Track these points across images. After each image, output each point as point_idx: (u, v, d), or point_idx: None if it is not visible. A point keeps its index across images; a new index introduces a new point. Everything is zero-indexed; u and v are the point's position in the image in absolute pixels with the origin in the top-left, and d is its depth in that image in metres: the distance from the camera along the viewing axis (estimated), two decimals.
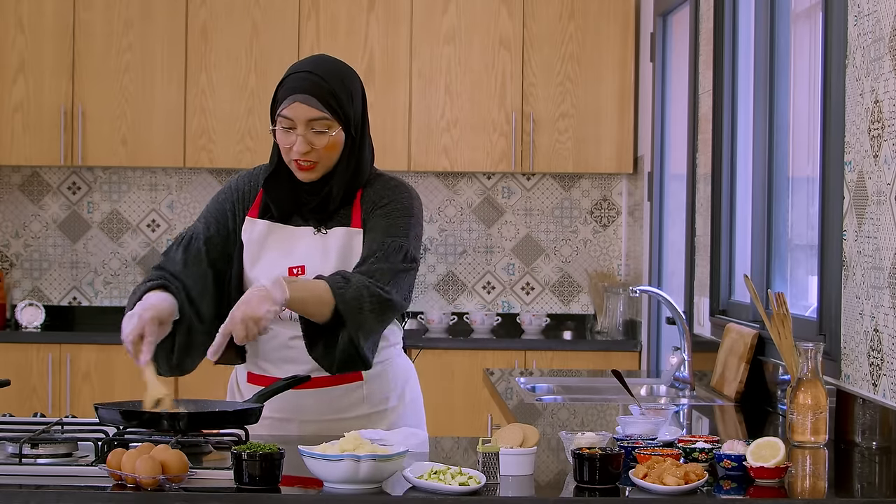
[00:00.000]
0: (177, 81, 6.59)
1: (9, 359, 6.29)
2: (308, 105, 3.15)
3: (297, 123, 3.16)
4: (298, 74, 3.20)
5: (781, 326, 3.52)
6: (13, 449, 2.76)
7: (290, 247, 3.23)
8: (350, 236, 3.22)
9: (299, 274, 3.21)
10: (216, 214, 3.32)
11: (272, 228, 3.25)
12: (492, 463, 2.62)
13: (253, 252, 3.25)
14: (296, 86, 3.18)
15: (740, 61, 4.91)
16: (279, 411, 3.23)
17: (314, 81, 3.18)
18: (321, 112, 3.16)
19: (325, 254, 3.21)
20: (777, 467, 2.67)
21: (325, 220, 3.23)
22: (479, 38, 6.62)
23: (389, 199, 3.24)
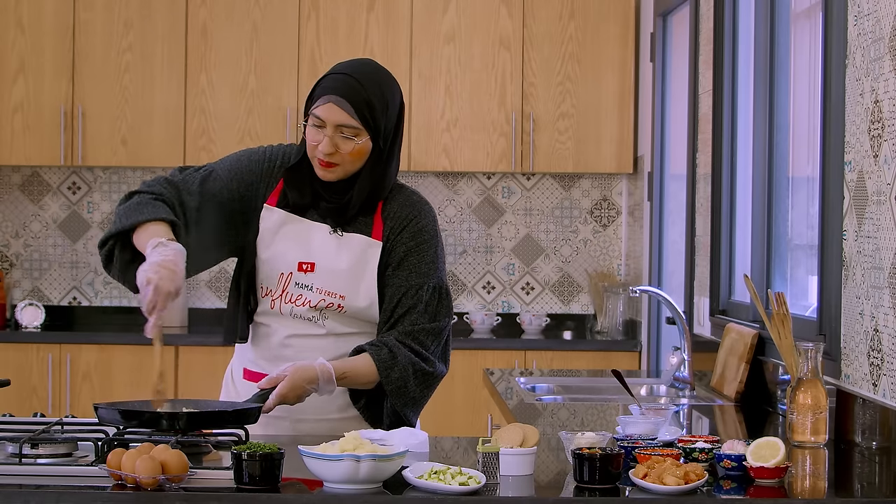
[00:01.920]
0: (177, 81, 6.59)
1: (9, 359, 6.29)
2: (341, 108, 3.14)
3: (327, 124, 3.14)
4: (338, 76, 3.18)
5: (781, 326, 3.52)
6: (13, 449, 2.76)
7: (304, 241, 3.22)
8: (367, 246, 3.21)
9: (308, 270, 3.20)
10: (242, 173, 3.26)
11: (288, 219, 3.23)
12: (492, 463, 2.62)
13: (266, 239, 3.24)
14: (333, 86, 3.16)
15: (740, 61, 4.91)
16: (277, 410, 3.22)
17: (352, 86, 3.16)
18: (352, 119, 3.14)
19: (338, 256, 3.20)
20: (777, 467, 2.67)
21: (343, 223, 3.22)
22: (479, 38, 6.62)
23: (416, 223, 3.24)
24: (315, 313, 3.21)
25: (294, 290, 3.21)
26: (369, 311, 3.22)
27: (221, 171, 3.28)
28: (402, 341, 3.18)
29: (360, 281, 3.19)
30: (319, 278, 3.19)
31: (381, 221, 3.23)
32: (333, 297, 3.19)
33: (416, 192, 3.32)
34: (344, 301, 3.20)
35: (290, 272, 3.21)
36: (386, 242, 3.22)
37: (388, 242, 3.22)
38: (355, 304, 3.20)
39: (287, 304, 3.21)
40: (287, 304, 3.21)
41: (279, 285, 3.22)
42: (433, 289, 3.23)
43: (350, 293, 3.19)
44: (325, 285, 3.19)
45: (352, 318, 3.23)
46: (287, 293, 3.21)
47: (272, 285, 3.23)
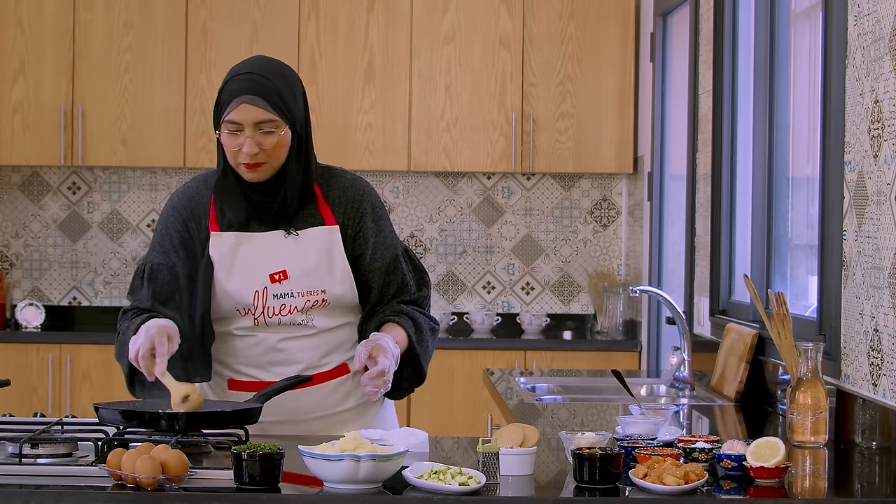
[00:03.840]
0: (177, 81, 6.59)
1: (9, 359, 6.29)
2: (255, 106, 3.14)
3: (244, 126, 3.13)
4: (242, 76, 3.20)
5: (781, 326, 3.52)
6: (13, 449, 2.76)
7: (265, 253, 3.20)
8: (326, 235, 3.22)
9: (282, 279, 3.19)
10: (172, 240, 3.25)
11: (241, 238, 3.21)
12: (492, 463, 2.62)
13: (226, 265, 3.21)
14: (240, 87, 3.16)
15: (740, 61, 4.91)
16: (272, 414, 3.20)
17: (258, 82, 3.17)
18: (269, 113, 3.14)
19: (303, 255, 3.21)
20: (777, 467, 2.67)
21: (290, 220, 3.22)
22: (479, 38, 6.62)
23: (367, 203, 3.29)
24: (303, 316, 3.22)
25: (275, 303, 3.20)
26: (349, 295, 3.25)
27: (156, 258, 3.26)
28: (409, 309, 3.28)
29: (332, 270, 3.22)
30: (296, 282, 3.20)
31: (329, 207, 3.25)
32: (316, 295, 3.21)
33: (344, 171, 3.36)
34: (326, 294, 3.22)
35: (264, 287, 3.20)
36: (345, 229, 3.25)
37: (347, 229, 3.25)
38: (335, 292, 3.22)
39: (273, 317, 3.21)
40: (273, 317, 3.21)
41: (257, 302, 3.21)
42: (403, 255, 3.33)
43: (329, 285, 3.22)
44: (304, 287, 3.20)
45: (336, 308, 3.25)
46: (268, 307, 3.21)
47: (248, 305, 3.20)
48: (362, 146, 6.59)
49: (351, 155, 6.58)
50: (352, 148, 6.58)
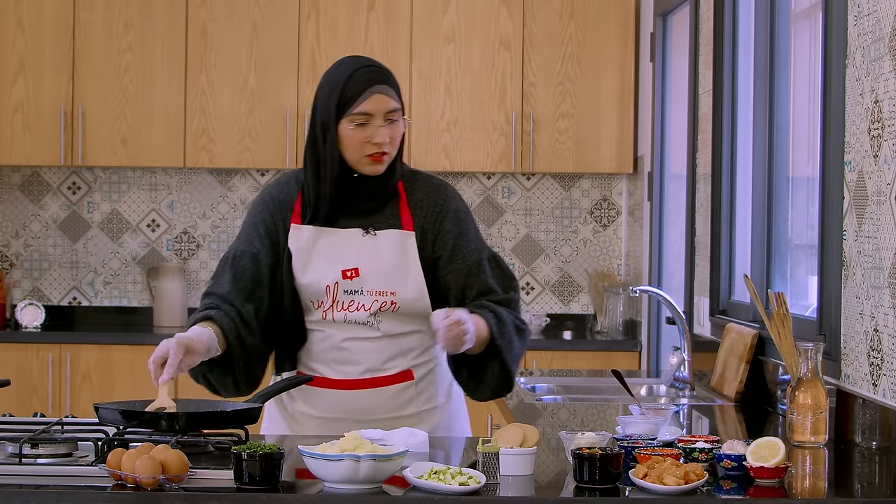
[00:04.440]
0: (177, 81, 6.59)
1: (9, 359, 6.29)
2: (386, 95, 3.21)
3: (375, 116, 3.20)
4: (367, 68, 3.23)
5: (781, 326, 3.52)
6: (13, 449, 2.76)
7: (341, 250, 3.24)
8: (402, 239, 3.24)
9: (353, 276, 3.22)
10: (258, 229, 3.30)
11: (319, 233, 3.25)
12: (492, 463, 2.62)
13: (303, 259, 3.25)
14: (372, 78, 3.21)
15: (740, 61, 4.91)
16: (332, 411, 3.24)
17: (384, 72, 3.25)
18: (396, 102, 3.23)
19: (378, 255, 3.23)
20: (777, 467, 2.67)
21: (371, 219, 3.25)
22: (479, 38, 6.62)
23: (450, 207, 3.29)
24: (371, 317, 3.22)
25: (344, 298, 3.23)
26: (420, 302, 3.24)
27: (241, 245, 3.31)
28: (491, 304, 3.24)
29: (405, 274, 3.22)
30: (367, 281, 3.22)
31: (409, 210, 3.27)
32: (385, 296, 3.22)
33: (432, 176, 3.37)
34: (396, 297, 3.22)
35: (335, 282, 3.22)
36: (424, 233, 3.25)
37: (426, 233, 3.26)
38: (406, 297, 3.22)
39: (340, 312, 3.23)
40: (340, 312, 3.23)
41: (328, 297, 3.23)
42: (489, 260, 3.30)
43: (399, 288, 3.22)
44: (374, 286, 3.22)
45: (405, 314, 3.24)
46: (338, 302, 3.23)
47: (321, 298, 3.24)
48: None
49: None
50: None
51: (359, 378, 3.25)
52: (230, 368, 3.23)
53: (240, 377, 3.25)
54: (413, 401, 3.29)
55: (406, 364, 3.27)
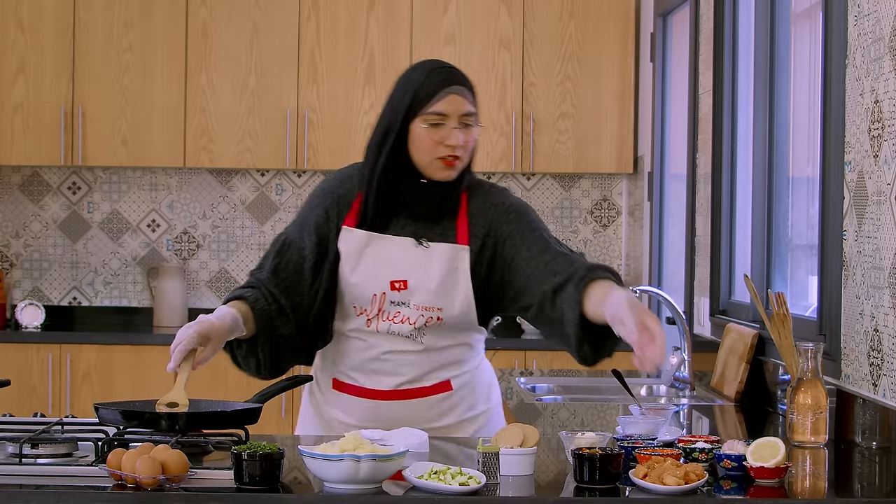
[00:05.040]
0: (177, 81, 6.59)
1: (9, 359, 6.29)
2: (462, 97, 3.13)
3: (450, 117, 3.11)
4: (443, 69, 3.16)
5: (781, 326, 3.52)
6: (13, 449, 2.76)
7: (390, 258, 3.16)
8: (454, 253, 3.15)
9: (401, 288, 3.15)
10: (310, 222, 3.24)
11: (371, 238, 3.17)
12: (492, 463, 2.62)
13: (352, 262, 3.17)
14: (448, 78, 3.13)
15: (740, 61, 4.91)
16: (368, 420, 3.21)
17: (461, 74, 3.16)
18: (472, 106, 3.15)
19: (428, 269, 3.15)
20: (777, 467, 2.67)
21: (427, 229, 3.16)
22: (479, 38, 6.62)
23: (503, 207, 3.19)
24: (414, 331, 3.17)
25: (391, 309, 3.16)
26: (467, 317, 3.18)
27: (294, 233, 3.26)
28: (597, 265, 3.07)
29: (454, 290, 3.15)
30: (414, 295, 3.15)
31: (467, 222, 3.18)
32: (431, 311, 3.15)
33: (494, 185, 3.27)
34: (442, 313, 3.15)
35: (383, 292, 3.16)
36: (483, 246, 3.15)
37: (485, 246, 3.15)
38: (452, 312, 3.16)
39: (385, 322, 3.17)
40: (385, 322, 3.17)
41: (374, 305, 3.17)
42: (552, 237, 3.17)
43: (446, 304, 3.15)
44: (421, 301, 3.15)
45: (450, 328, 3.19)
46: (384, 312, 3.17)
47: (366, 305, 3.18)
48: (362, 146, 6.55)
49: (351, 155, 6.56)
50: (352, 148, 6.57)
51: (396, 389, 3.21)
52: (255, 350, 3.20)
53: (263, 362, 3.21)
54: (452, 411, 3.25)
55: (445, 375, 3.23)
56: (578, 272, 3.02)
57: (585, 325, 2.99)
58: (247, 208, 6.96)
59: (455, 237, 3.16)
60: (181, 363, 3.01)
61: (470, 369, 3.29)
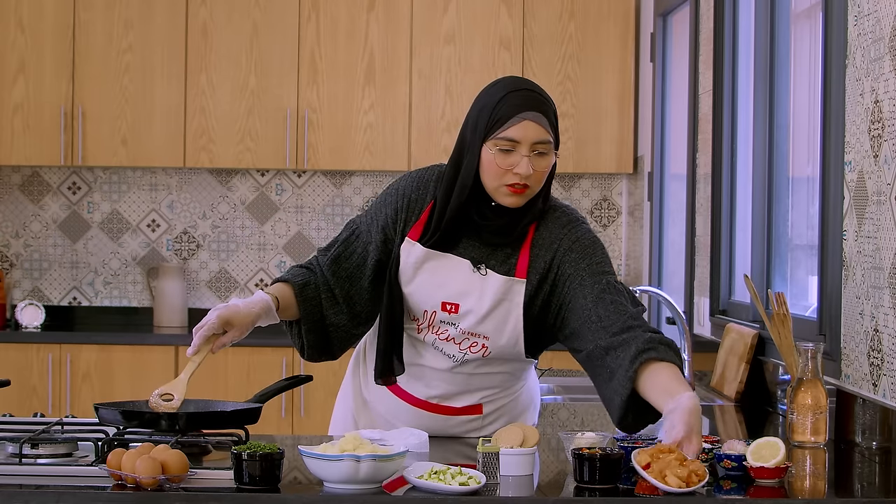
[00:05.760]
0: (177, 81, 6.59)
1: (9, 359, 6.29)
2: (538, 124, 3.00)
3: (522, 144, 2.99)
4: (523, 92, 3.02)
5: (781, 326, 3.52)
6: (13, 449, 2.76)
7: (446, 279, 3.09)
8: (510, 286, 3.06)
9: (452, 311, 3.08)
10: (381, 219, 3.17)
11: (429, 255, 3.09)
12: (492, 463, 2.62)
13: (407, 274, 3.12)
14: (525, 103, 3.00)
15: (740, 61, 4.91)
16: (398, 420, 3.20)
17: (541, 100, 3.03)
18: (548, 134, 3.02)
19: (482, 297, 3.07)
20: (777, 467, 2.67)
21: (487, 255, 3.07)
22: (479, 38, 6.62)
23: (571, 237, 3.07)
24: (458, 354, 3.11)
25: (440, 325, 3.11)
26: (514, 349, 3.11)
27: (363, 225, 3.20)
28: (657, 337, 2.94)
29: (504, 321, 3.08)
30: (464, 319, 3.09)
31: (529, 255, 3.07)
32: (478, 338, 3.09)
33: (566, 212, 3.14)
34: (488, 342, 3.10)
35: (434, 311, 3.11)
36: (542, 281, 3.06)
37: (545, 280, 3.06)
38: (499, 342, 3.10)
39: (432, 335, 3.12)
40: (432, 335, 3.12)
41: (425, 320, 3.12)
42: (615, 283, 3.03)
43: (494, 334, 3.09)
44: (469, 326, 3.09)
45: (493, 360, 3.13)
46: (433, 326, 3.12)
47: (418, 316, 3.13)
48: (362, 146, 6.59)
49: (351, 155, 6.58)
50: (352, 148, 6.58)
51: (427, 400, 3.19)
52: (300, 333, 3.17)
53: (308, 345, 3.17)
54: (479, 431, 3.22)
55: (478, 398, 3.19)
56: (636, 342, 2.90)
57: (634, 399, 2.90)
58: (247, 208, 6.96)
59: (514, 269, 3.07)
60: (200, 347, 2.98)
61: (508, 395, 3.24)
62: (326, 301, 3.16)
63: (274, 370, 6.14)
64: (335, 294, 3.16)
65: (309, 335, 3.17)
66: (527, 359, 3.18)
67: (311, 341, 3.18)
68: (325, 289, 3.16)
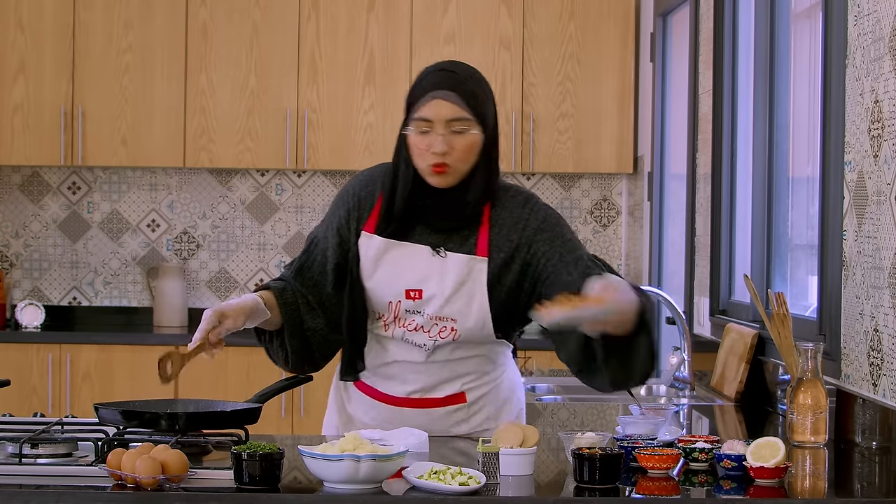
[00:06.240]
0: (177, 81, 6.59)
1: (9, 359, 6.29)
2: (449, 102, 3.04)
3: (435, 123, 3.03)
4: (437, 73, 3.10)
5: (781, 326, 3.52)
6: (13, 449, 2.76)
7: (407, 266, 3.11)
8: (471, 264, 3.08)
9: (416, 298, 3.10)
10: (334, 222, 3.21)
11: (389, 245, 3.12)
12: (492, 463, 2.62)
13: (368, 268, 3.14)
14: (434, 82, 3.07)
15: (740, 61, 4.91)
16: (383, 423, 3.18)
17: (452, 78, 3.08)
18: (461, 110, 3.04)
19: (443, 279, 3.09)
20: (777, 467, 2.67)
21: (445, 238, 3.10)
22: (479, 38, 6.62)
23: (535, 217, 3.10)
24: (429, 342, 3.12)
25: (406, 316, 3.13)
26: (482, 332, 3.12)
27: (320, 233, 3.25)
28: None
29: (470, 302, 3.10)
30: (429, 305, 3.10)
31: (489, 234, 3.10)
32: (446, 322, 3.10)
33: (521, 191, 3.17)
34: (456, 324, 3.10)
35: (398, 300, 3.12)
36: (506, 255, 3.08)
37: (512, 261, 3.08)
38: (467, 325, 3.10)
39: (400, 329, 3.14)
40: (400, 329, 3.14)
41: (390, 313, 3.13)
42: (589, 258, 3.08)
43: (461, 317, 3.10)
44: (435, 311, 3.10)
45: (465, 342, 3.14)
46: (399, 319, 3.13)
47: (383, 311, 3.15)
48: (362, 146, 6.59)
49: (351, 155, 6.58)
50: (352, 148, 6.58)
51: (408, 396, 3.19)
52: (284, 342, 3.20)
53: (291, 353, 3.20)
54: (466, 421, 3.21)
55: (458, 388, 3.19)
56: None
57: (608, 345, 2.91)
58: (247, 208, 6.96)
59: (475, 248, 3.10)
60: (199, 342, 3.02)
61: (489, 382, 3.23)
62: (304, 306, 3.20)
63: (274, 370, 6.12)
64: (309, 300, 3.21)
65: (292, 340, 3.19)
66: (500, 341, 3.20)
67: (293, 346, 3.20)
68: (300, 294, 3.21)
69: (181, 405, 3.02)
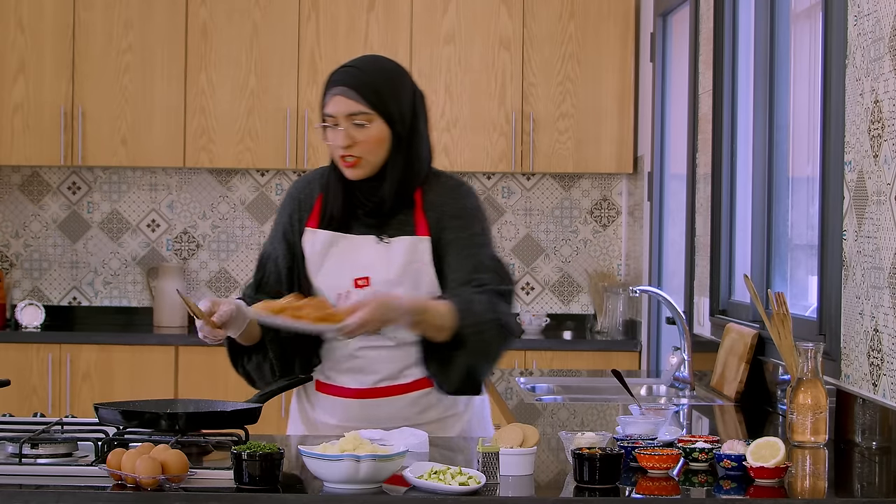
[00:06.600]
0: (177, 81, 6.59)
1: (9, 359, 6.29)
2: (347, 97, 3.15)
3: (339, 119, 3.15)
4: (340, 70, 3.21)
5: (781, 326, 3.52)
6: (13, 449, 2.76)
7: (353, 257, 3.18)
8: (414, 245, 3.17)
9: (365, 285, 3.16)
10: (278, 231, 3.30)
11: (334, 238, 3.20)
12: (492, 463, 2.62)
13: (315, 263, 3.21)
14: (336, 80, 3.18)
15: (740, 61, 4.91)
16: (352, 420, 3.20)
17: (353, 74, 3.17)
18: (360, 105, 3.14)
19: (389, 263, 3.16)
20: (777, 467, 2.67)
21: (384, 225, 3.18)
22: (479, 38, 6.62)
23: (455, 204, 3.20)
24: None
25: None
26: None
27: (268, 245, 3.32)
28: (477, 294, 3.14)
29: (418, 282, 3.16)
30: (378, 290, 3.13)
31: (423, 214, 3.19)
32: None
33: (452, 177, 3.28)
34: None
35: (347, 290, 3.17)
36: (434, 234, 3.18)
37: (435, 234, 3.18)
38: None
39: None
40: None
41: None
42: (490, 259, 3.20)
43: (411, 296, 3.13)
44: None
45: None
46: None
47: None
48: None
49: None
50: None
51: (374, 387, 3.21)
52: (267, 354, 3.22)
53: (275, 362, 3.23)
54: (434, 406, 3.24)
55: (423, 372, 3.22)
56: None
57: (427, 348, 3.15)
58: (247, 208, 6.96)
59: (414, 230, 3.18)
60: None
61: None
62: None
63: None
64: None
65: (273, 345, 3.22)
66: None
67: (275, 352, 3.22)
68: None
69: (181, 405, 3.02)
